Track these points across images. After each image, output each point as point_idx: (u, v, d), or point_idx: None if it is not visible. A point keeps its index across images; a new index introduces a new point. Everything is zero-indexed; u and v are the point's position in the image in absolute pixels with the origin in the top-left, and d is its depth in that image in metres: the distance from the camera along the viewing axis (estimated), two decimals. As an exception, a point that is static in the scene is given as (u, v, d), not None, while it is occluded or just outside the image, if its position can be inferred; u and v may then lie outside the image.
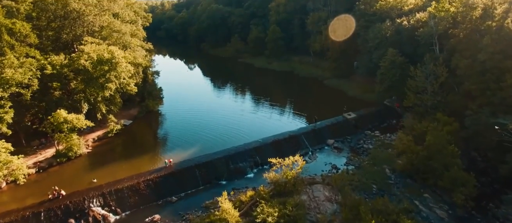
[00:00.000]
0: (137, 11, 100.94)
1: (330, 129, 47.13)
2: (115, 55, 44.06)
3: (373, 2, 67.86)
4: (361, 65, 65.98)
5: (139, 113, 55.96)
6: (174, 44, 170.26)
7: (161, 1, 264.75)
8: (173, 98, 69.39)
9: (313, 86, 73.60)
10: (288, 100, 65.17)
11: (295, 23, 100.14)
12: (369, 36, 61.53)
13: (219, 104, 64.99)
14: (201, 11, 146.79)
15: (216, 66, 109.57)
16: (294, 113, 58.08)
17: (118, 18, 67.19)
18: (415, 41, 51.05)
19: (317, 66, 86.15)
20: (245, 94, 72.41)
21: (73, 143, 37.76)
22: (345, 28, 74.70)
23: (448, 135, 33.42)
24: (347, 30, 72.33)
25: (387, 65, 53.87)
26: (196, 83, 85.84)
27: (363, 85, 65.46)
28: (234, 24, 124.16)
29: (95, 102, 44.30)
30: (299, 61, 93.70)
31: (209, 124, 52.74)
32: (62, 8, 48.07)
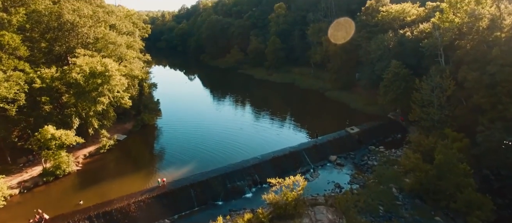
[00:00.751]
0: (136, 22, 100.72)
1: (333, 145, 45.06)
2: (109, 68, 42.39)
3: (374, 13, 66.67)
4: (363, 77, 64.27)
5: (134, 127, 54.03)
6: (174, 55, 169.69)
7: (161, 12, 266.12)
8: (171, 109, 67.74)
9: (314, 98, 71.80)
10: (289, 113, 63.32)
11: (296, 34, 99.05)
12: (371, 47, 60.02)
13: (218, 116, 63.15)
14: (201, 22, 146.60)
15: (216, 77, 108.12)
16: (295, 126, 56.14)
17: (115, 29, 66.27)
18: (419, 52, 49.44)
19: (318, 78, 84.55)
20: (245, 106, 70.62)
21: (62, 161, 35.75)
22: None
23: (458, 152, 31.34)
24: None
25: (390, 77, 52.15)
26: (195, 94, 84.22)
27: (365, 97, 63.66)
28: (233, 35, 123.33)
29: (87, 117, 42.43)
30: (300, 72, 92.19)
31: (207, 138, 50.79)
32: (56, 20, 46.76)
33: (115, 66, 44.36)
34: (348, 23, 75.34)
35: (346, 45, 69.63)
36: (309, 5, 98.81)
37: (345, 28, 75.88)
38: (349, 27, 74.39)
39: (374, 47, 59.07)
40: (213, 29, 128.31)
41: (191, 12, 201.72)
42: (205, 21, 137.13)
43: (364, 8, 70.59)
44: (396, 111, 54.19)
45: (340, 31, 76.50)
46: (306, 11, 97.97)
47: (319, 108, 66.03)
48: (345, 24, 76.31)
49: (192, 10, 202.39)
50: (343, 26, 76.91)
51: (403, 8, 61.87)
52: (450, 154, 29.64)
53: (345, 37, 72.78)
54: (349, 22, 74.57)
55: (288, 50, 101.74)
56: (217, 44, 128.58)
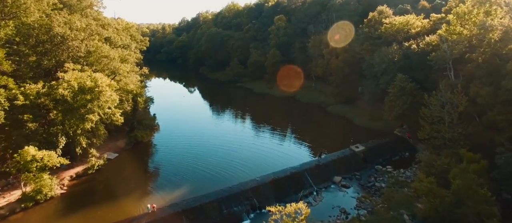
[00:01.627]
0: (134, 35, 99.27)
1: (337, 164, 42.19)
2: (99, 83, 40.03)
3: (377, 25, 64.75)
4: (367, 91, 61.82)
5: (127, 144, 51.31)
6: (174, 67, 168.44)
7: (162, 25, 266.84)
8: (168, 124, 65.32)
9: (316, 113, 69.19)
10: (290, 129, 60.66)
11: (296, 47, 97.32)
12: (375, 61, 57.76)
13: (216, 132, 60.42)
14: (201, 35, 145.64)
15: (215, 90, 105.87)
16: (296, 143, 53.39)
17: (110, 42, 64.38)
18: (427, 66, 47.12)
19: (320, 91, 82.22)
20: (244, 121, 68.05)
21: (43, 184, 32.94)
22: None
23: (476, 175, 28.47)
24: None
25: (396, 92, 49.67)
26: (194, 108, 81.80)
27: (369, 112, 61.06)
28: (233, 48, 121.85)
29: (74, 135, 39.78)
30: (301, 85, 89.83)
31: (204, 156, 47.99)
32: (46, 33, 44.73)
33: (106, 81, 42.01)
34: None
35: (349, 58, 67.49)
36: (309, 17, 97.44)
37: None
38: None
39: (378, 60, 56.80)
40: (212, 41, 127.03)
41: (191, 24, 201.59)
42: (205, 34, 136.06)
43: (366, 20, 68.79)
44: (402, 128, 51.50)
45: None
46: (307, 23, 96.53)
47: (321, 124, 63.35)
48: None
49: (192, 23, 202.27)
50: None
51: (407, 20, 59.88)
52: (469, 178, 26.78)
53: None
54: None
55: (288, 63, 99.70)
56: (217, 57, 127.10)
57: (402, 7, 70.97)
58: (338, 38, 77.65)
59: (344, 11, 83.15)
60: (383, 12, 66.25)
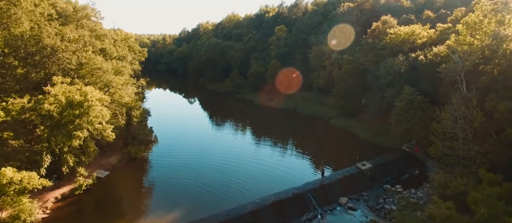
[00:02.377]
0: (132, 45, 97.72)
1: (342, 184, 39.25)
2: (89, 97, 37.57)
3: (381, 35, 62.71)
4: (372, 104, 59.28)
5: (120, 161, 48.51)
6: (173, 78, 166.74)
7: (163, 36, 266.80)
8: (166, 137, 63.06)
9: (319, 127, 66.45)
10: (291, 143, 57.90)
11: (297, 58, 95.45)
12: (380, 72, 55.38)
13: (215, 146, 57.54)
14: (200, 45, 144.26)
15: (214, 101, 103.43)
16: (298, 159, 50.57)
17: (105, 54, 62.41)
18: (436, 78, 44.64)
19: (322, 103, 79.75)
20: (244, 134, 65.37)
21: (22, 209, 30.05)
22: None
23: (501, 201, 25.60)
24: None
25: (403, 105, 47.07)
26: (192, 120, 79.16)
27: (375, 126, 58.34)
28: (233, 59, 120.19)
29: (61, 153, 37.12)
30: (302, 97, 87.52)
31: (202, 173, 45.15)
32: (35, 44, 42.60)
33: (97, 95, 39.53)
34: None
35: (352, 69, 65.18)
36: (311, 27, 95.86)
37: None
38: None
39: (383, 71, 54.42)
40: (212, 52, 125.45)
41: (191, 35, 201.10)
42: (204, 44, 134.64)
43: (370, 31, 66.84)
44: (411, 143, 48.70)
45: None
46: (308, 33, 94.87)
47: (324, 138, 60.54)
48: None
49: (192, 33, 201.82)
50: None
51: (412, 30, 57.85)
52: (496, 206, 23.89)
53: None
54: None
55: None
56: (216, 68, 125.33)
57: (406, 17, 69.13)
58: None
59: (346, 21, 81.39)
60: (387, 22, 64.31)
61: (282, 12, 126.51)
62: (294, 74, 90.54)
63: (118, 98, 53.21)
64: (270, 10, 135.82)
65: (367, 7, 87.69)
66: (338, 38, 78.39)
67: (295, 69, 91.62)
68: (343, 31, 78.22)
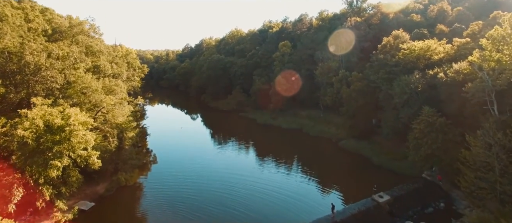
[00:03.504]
0: (131, 62, 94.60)
1: (357, 220, 34.12)
2: (70, 121, 33.41)
3: (393, 50, 58.59)
4: (386, 125, 54.44)
5: (107, 190, 43.83)
6: (176, 94, 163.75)
7: (166, 51, 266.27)
8: (165, 157, 59.54)
9: (327, 149, 61.42)
10: (298, 168, 53.00)
11: (302, 74, 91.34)
12: (394, 90, 50.88)
13: (216, 170, 52.62)
14: (203, 61, 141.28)
15: (216, 120, 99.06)
16: (306, 186, 45.57)
17: (100, 71, 58.87)
18: (459, 98, 40.01)
19: (329, 123, 74.99)
20: (247, 156, 60.69)
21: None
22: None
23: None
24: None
25: (422, 128, 42.25)
26: (193, 139, 74.86)
27: (389, 150, 53.36)
28: (236, 75, 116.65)
29: (36, 185, 32.68)
30: (308, 116, 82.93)
31: (201, 203, 40.60)
32: (17, 62, 39.02)
33: (81, 118, 35.39)
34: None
35: (363, 87, 60.76)
36: (316, 43, 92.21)
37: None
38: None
39: (398, 90, 49.91)
40: (214, 68, 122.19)
41: (194, 51, 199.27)
42: (207, 60, 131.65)
43: (380, 46, 62.82)
44: (432, 170, 43.57)
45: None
46: (313, 49, 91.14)
47: (334, 162, 55.44)
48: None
49: (195, 49, 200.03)
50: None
51: (427, 45, 53.70)
52: None
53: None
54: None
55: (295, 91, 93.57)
56: (219, 85, 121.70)
57: (418, 32, 65.15)
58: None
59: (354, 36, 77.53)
60: (399, 36, 60.33)
61: (286, 27, 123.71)
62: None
63: (111, 118, 49.49)
64: (274, 26, 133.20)
65: (375, 22, 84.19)
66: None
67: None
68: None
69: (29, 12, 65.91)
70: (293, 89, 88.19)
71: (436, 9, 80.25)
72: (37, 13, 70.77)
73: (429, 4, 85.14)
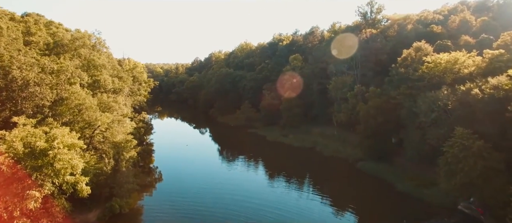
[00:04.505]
0: (137, 76, 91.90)
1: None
2: (54, 144, 29.44)
3: (415, 64, 53.60)
4: (410, 147, 48.87)
5: (99, 219, 39.46)
6: (185, 108, 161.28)
7: (176, 65, 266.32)
8: (169, 176, 56.07)
9: (344, 171, 55.85)
10: (312, 192, 47.68)
11: (314, 89, 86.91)
12: (419, 108, 45.65)
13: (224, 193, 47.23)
14: (211, 75, 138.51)
15: (224, 136, 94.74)
16: (320, 213, 40.18)
17: (100, 86, 55.76)
18: (501, 117, 34.63)
19: (344, 141, 69.67)
20: (257, 177, 55.76)
21: None
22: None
23: None
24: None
25: (456, 152, 36.73)
26: (200, 157, 70.70)
27: (415, 175, 47.64)
28: (245, 89, 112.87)
29: (11, 218, 28.53)
30: (321, 134, 77.77)
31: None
32: (3, 77, 35.79)
33: (69, 140, 31.40)
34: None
35: (382, 103, 55.58)
36: (329, 56, 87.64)
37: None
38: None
39: (424, 107, 44.68)
40: (222, 82, 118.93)
41: (203, 64, 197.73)
42: (215, 74, 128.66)
43: (400, 59, 57.92)
44: (470, 201, 37.73)
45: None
46: (326, 63, 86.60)
47: (352, 187, 49.82)
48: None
49: (204, 63, 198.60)
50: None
51: (455, 58, 48.56)
52: None
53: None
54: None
55: (306, 106, 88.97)
56: (227, 99, 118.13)
57: (442, 43, 60.04)
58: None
59: (369, 49, 72.97)
60: (422, 49, 55.41)
61: (296, 40, 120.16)
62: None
63: (109, 136, 45.78)
64: (284, 39, 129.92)
65: (392, 34, 79.50)
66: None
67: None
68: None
69: (31, 25, 63.80)
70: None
71: (458, 19, 75.10)
72: (41, 27, 68.86)
73: (449, 15, 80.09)
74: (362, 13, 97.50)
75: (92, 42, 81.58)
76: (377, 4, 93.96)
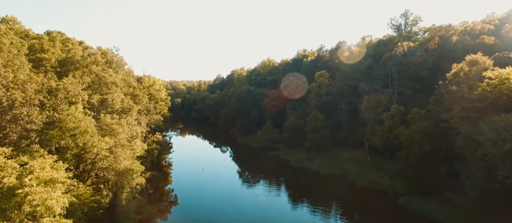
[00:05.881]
0: (154, 93, 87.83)
1: None
2: (26, 180, 23.73)
3: (470, 80, 44.59)
4: (472, 184, 39.10)
5: (89, 265, 33.13)
6: (206, 126, 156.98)
7: (198, 82, 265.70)
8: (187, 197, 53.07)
9: (384, 209, 46.22)
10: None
11: (343, 108, 78.53)
12: (485, 136, 36.39)
13: None
14: (232, 93, 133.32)
15: (245, 158, 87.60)
16: None
17: (107, 106, 51.11)
18: None
19: (380, 169, 60.38)
20: (279, 211, 47.64)
21: None
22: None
23: None
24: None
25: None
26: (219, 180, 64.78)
27: (478, 219, 37.82)
28: (267, 108, 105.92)
29: None
30: (352, 159, 68.77)
31: None
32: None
33: (47, 174, 25.64)
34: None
35: (429, 128, 46.56)
36: (359, 72, 79.61)
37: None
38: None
39: (491, 135, 35.46)
40: (243, 100, 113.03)
41: (225, 81, 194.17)
42: (236, 92, 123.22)
43: (450, 75, 48.98)
44: None
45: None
46: (356, 80, 78.47)
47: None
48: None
49: (226, 80, 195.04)
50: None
51: (527, 73, 39.21)
52: None
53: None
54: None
55: (333, 127, 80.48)
56: (248, 118, 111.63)
57: (501, 55, 50.58)
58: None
59: (408, 64, 64.25)
60: (478, 62, 46.29)
61: (322, 55, 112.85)
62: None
63: (112, 162, 40.33)
64: (309, 54, 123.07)
65: (433, 47, 70.29)
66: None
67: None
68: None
69: (45, 42, 61.22)
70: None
71: (514, 29, 64.98)
72: (55, 44, 66.46)
73: (501, 24, 69.98)
74: (395, 25, 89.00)
75: (108, 59, 79.06)
76: (412, 15, 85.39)
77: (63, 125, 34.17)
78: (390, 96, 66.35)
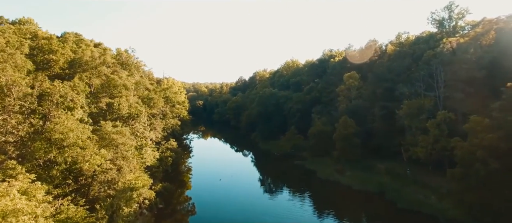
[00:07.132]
0: (170, 96, 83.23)
1: None
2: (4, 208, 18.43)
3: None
4: None
5: None
6: (227, 129, 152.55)
7: (221, 84, 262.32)
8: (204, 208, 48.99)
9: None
10: None
11: (377, 114, 69.71)
12: None
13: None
14: (254, 95, 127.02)
15: (266, 167, 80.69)
16: None
17: (113, 111, 46.23)
18: None
19: (424, 186, 51.43)
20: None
21: None
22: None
23: None
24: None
25: None
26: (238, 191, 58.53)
27: None
28: (291, 112, 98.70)
29: None
30: (388, 171, 60.00)
31: None
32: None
33: (11, 203, 20.21)
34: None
35: (497, 142, 37.31)
36: (396, 73, 70.50)
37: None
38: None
39: None
40: (265, 104, 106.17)
41: (247, 84, 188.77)
42: (258, 95, 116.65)
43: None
44: None
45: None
46: (392, 81, 69.38)
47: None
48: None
49: (249, 82, 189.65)
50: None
51: None
52: None
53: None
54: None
55: (365, 135, 71.63)
56: (270, 123, 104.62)
57: None
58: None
59: (459, 63, 54.80)
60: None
61: (351, 55, 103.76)
62: None
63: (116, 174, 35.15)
64: (336, 54, 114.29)
65: (487, 42, 60.10)
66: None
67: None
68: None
69: (54, 42, 57.74)
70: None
71: None
72: (68, 45, 63.03)
73: None
74: (437, 20, 79.03)
75: (123, 60, 75.23)
76: (458, 7, 75.05)
77: (50, 135, 29.05)
78: (435, 100, 57.12)
